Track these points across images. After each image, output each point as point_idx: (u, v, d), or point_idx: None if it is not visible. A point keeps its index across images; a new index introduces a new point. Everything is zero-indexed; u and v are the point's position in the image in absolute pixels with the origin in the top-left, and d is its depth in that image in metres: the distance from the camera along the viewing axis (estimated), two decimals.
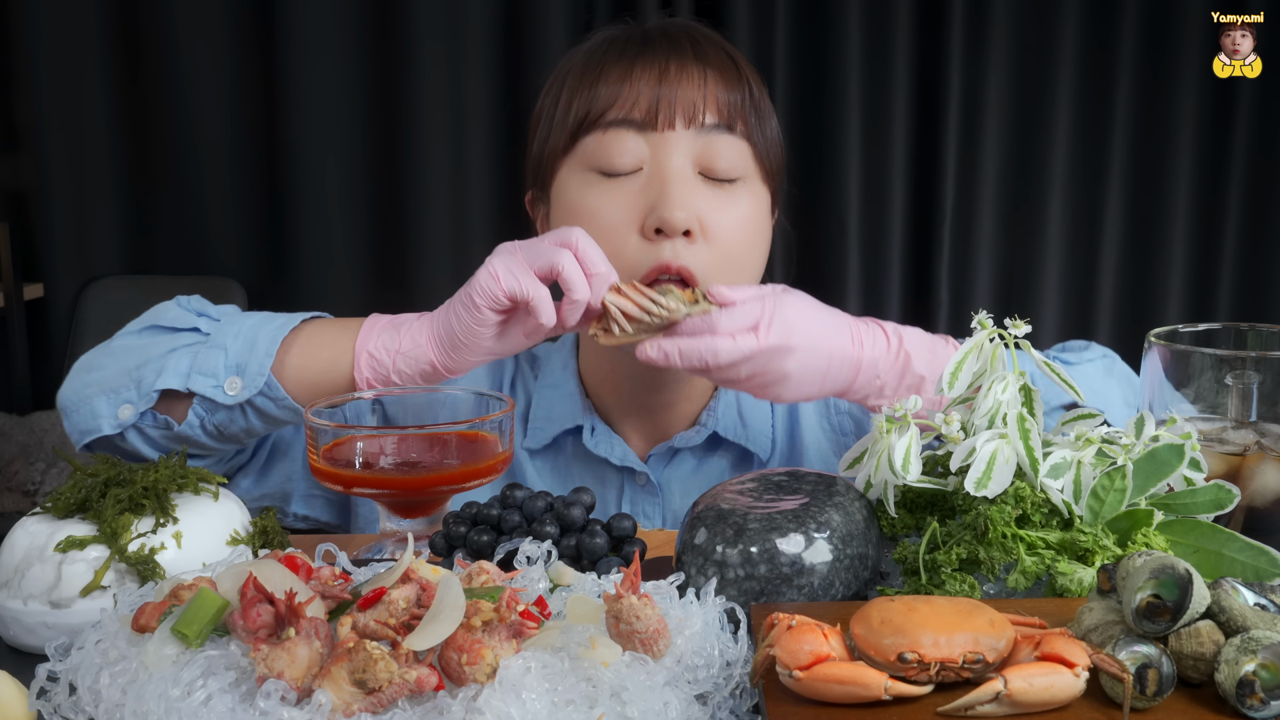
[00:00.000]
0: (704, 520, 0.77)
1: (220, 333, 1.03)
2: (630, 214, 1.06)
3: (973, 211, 2.56)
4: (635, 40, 1.10)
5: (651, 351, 0.96)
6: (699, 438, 1.18)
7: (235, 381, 1.00)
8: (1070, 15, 2.50)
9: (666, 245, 1.05)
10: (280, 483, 1.18)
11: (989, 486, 0.73)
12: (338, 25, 2.47)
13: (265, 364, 1.00)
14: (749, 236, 1.10)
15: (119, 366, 1.04)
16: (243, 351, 1.01)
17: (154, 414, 1.02)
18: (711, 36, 1.13)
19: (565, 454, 1.20)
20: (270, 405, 1.01)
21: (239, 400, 1.00)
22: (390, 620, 0.62)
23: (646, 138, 1.07)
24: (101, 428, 1.02)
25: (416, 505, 0.96)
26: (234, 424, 1.03)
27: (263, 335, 1.02)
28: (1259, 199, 2.61)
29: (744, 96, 1.09)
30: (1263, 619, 0.60)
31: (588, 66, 1.10)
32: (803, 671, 0.58)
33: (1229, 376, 0.81)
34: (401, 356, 0.99)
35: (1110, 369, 1.13)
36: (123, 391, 1.02)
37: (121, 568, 0.77)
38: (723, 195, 1.08)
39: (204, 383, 1.00)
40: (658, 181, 1.06)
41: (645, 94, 1.06)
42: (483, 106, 2.49)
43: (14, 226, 2.60)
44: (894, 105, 2.50)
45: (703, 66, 1.08)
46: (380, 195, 2.54)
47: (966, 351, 0.82)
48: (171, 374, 1.01)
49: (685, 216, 1.04)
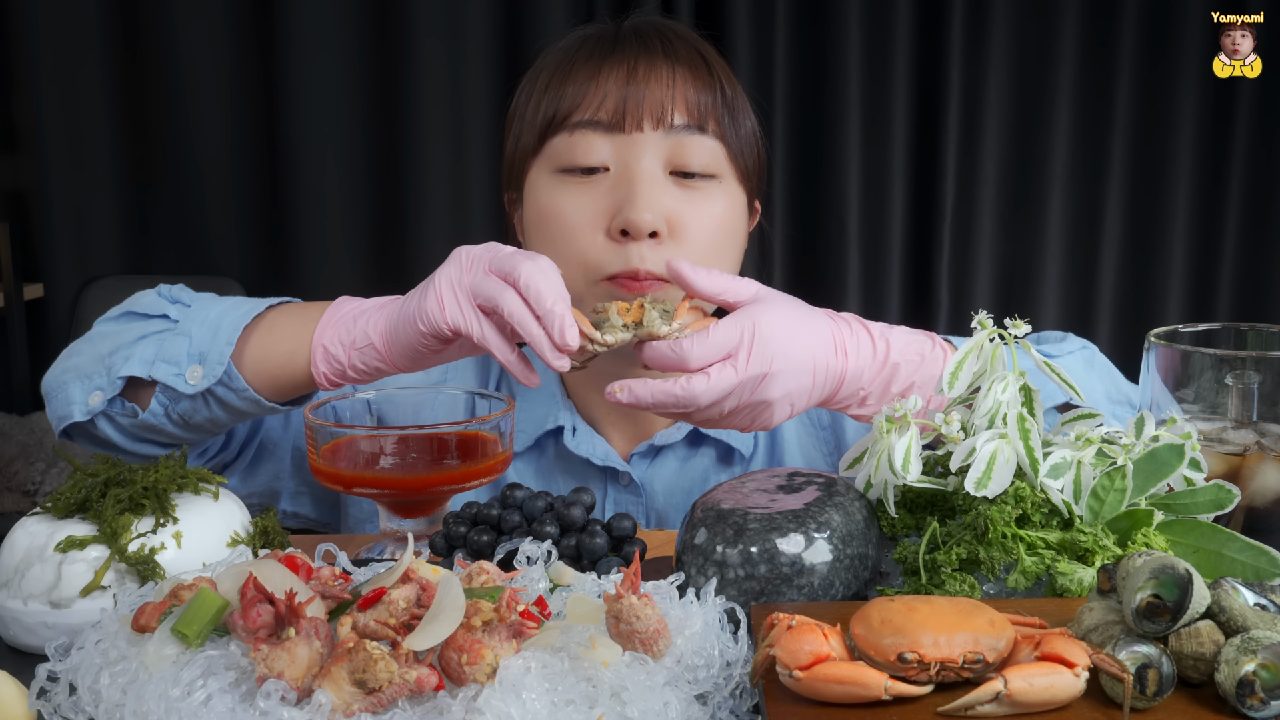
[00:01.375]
0: (704, 520, 0.77)
1: (188, 319, 1.01)
2: (596, 215, 1.04)
3: (973, 211, 2.56)
4: (606, 39, 1.09)
5: (621, 395, 0.87)
6: (680, 434, 1.17)
7: (196, 370, 0.98)
8: (1070, 15, 2.50)
9: (633, 248, 1.03)
10: (268, 481, 1.17)
11: (989, 486, 0.73)
12: (338, 25, 2.47)
13: (225, 352, 0.98)
14: (721, 236, 1.08)
15: (94, 353, 1.03)
16: (205, 339, 0.99)
17: (121, 401, 1.01)
18: (685, 35, 1.12)
19: (547, 455, 1.19)
20: (231, 396, 0.99)
21: (199, 389, 0.98)
22: (390, 620, 0.62)
23: (614, 139, 1.05)
24: (73, 414, 1.01)
25: (416, 505, 0.96)
26: (198, 414, 1.00)
27: (226, 322, 1.00)
28: (1259, 199, 2.61)
29: (715, 96, 1.07)
30: (1263, 619, 0.60)
31: (558, 66, 1.09)
32: (803, 671, 0.58)
33: (1229, 376, 0.81)
34: (356, 352, 0.95)
35: (1090, 360, 1.11)
36: (94, 378, 1.01)
37: (121, 568, 0.77)
38: (694, 195, 1.06)
39: (166, 370, 0.98)
40: (625, 182, 1.04)
41: (612, 95, 1.05)
42: (482, 105, 2.49)
43: (14, 226, 2.60)
44: (894, 105, 2.50)
45: (672, 65, 1.06)
46: (380, 194, 2.54)
47: (967, 351, 0.82)
48: (137, 361, 0.99)
49: (651, 218, 1.02)
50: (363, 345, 0.95)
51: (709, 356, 0.87)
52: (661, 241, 1.04)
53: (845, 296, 2.56)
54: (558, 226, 1.06)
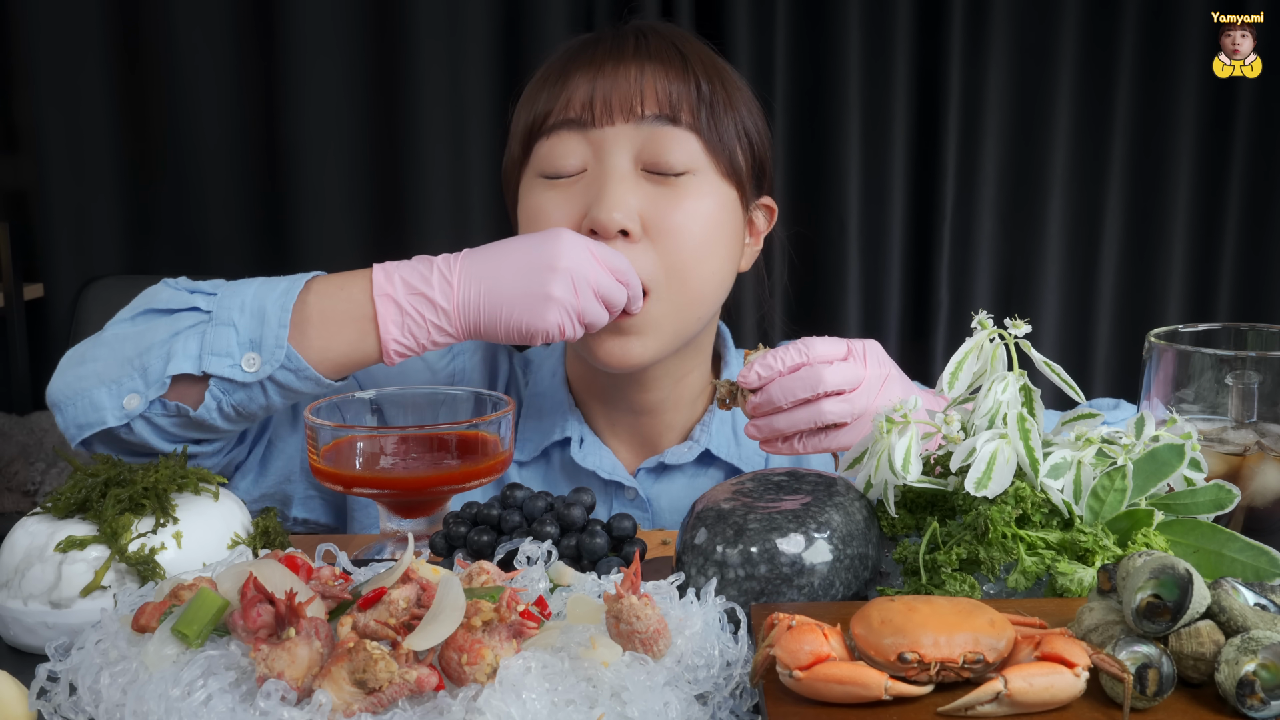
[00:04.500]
0: (704, 520, 0.77)
1: (222, 308, 0.99)
2: (571, 217, 1.04)
3: (973, 211, 2.56)
4: (586, 44, 1.09)
5: (755, 371, 0.94)
6: (691, 455, 1.16)
7: (253, 358, 0.96)
8: (1070, 15, 2.50)
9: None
10: (279, 482, 1.16)
11: (989, 486, 0.73)
12: (338, 25, 2.47)
13: (282, 336, 0.96)
14: (703, 233, 1.06)
15: (117, 356, 0.99)
16: (253, 326, 0.97)
17: (163, 402, 0.97)
18: (664, 33, 1.11)
19: (553, 466, 1.18)
20: (291, 378, 0.98)
21: (259, 377, 0.96)
22: (390, 620, 0.62)
23: (588, 136, 1.05)
24: (105, 420, 0.97)
25: (416, 505, 0.96)
26: (253, 402, 0.99)
27: (270, 305, 0.98)
28: (1259, 199, 2.61)
29: (690, 88, 1.06)
30: (1263, 619, 0.60)
31: (541, 75, 1.10)
32: (803, 671, 0.58)
33: (1229, 376, 0.81)
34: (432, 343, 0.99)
35: None
36: (125, 381, 0.97)
37: (121, 568, 0.77)
38: (670, 191, 1.05)
39: (219, 363, 0.96)
40: (596, 181, 1.04)
41: (580, 90, 1.05)
42: (482, 105, 2.48)
43: (14, 226, 2.60)
44: (894, 105, 2.50)
45: (641, 60, 1.06)
46: (380, 195, 2.54)
47: (967, 351, 0.82)
48: (182, 358, 0.96)
49: (620, 216, 1.01)
50: (440, 340, 0.99)
51: (831, 352, 0.93)
52: (635, 240, 1.03)
53: (845, 296, 2.56)
54: (535, 228, 1.07)
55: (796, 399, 0.92)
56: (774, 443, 0.95)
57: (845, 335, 1.02)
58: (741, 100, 1.11)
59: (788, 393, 0.92)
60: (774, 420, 0.93)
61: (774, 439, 0.95)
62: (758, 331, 2.19)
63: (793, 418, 0.93)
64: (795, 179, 2.55)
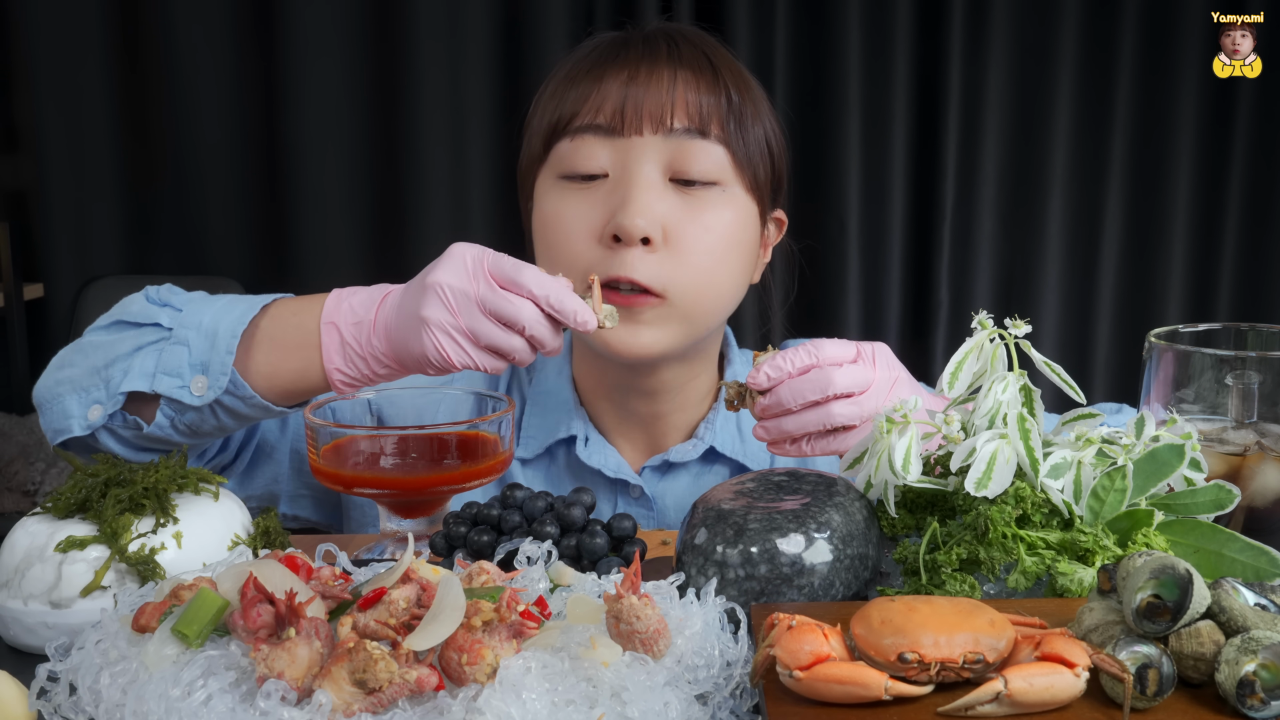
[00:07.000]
0: (704, 520, 0.77)
1: (181, 326, 0.96)
2: (591, 221, 1.03)
3: (973, 211, 2.56)
4: (615, 45, 1.07)
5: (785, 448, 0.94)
6: (695, 452, 1.16)
7: (200, 380, 0.94)
8: (1070, 15, 2.50)
9: (624, 254, 1.01)
10: (266, 485, 1.15)
11: (989, 486, 0.73)
12: (338, 25, 2.47)
13: (227, 362, 0.94)
14: (722, 246, 1.05)
15: (88, 364, 0.98)
16: (204, 348, 0.95)
17: (123, 414, 0.96)
18: (694, 40, 1.09)
19: (558, 464, 1.18)
20: (238, 404, 0.96)
21: (206, 401, 0.94)
22: (390, 620, 0.62)
23: (614, 143, 1.03)
24: (72, 428, 0.97)
25: (416, 505, 0.96)
26: (205, 423, 0.97)
27: (223, 329, 0.95)
28: (1259, 199, 2.61)
29: (720, 100, 1.05)
30: (1263, 619, 0.60)
31: (566, 73, 1.08)
32: (803, 671, 0.58)
33: (1229, 376, 0.81)
34: (373, 374, 0.94)
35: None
36: (92, 391, 0.97)
37: (121, 568, 0.77)
38: (695, 202, 1.04)
39: (169, 383, 0.94)
40: (621, 188, 1.02)
41: (612, 97, 1.03)
42: (482, 106, 2.48)
43: (14, 226, 2.60)
44: (894, 105, 2.51)
45: (674, 69, 1.04)
46: (380, 195, 2.54)
47: (967, 351, 0.82)
48: (137, 374, 0.95)
49: (644, 224, 1.00)
50: (381, 371, 0.94)
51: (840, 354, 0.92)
52: (655, 249, 1.02)
53: (845, 296, 2.56)
54: (556, 232, 1.05)
55: (806, 401, 0.92)
56: (782, 445, 0.95)
57: (845, 335, 1.02)
58: (765, 111, 1.10)
59: (797, 395, 0.92)
60: (783, 422, 0.93)
61: (782, 441, 0.94)
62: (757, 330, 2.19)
63: (801, 420, 0.92)
64: (795, 179, 2.55)
